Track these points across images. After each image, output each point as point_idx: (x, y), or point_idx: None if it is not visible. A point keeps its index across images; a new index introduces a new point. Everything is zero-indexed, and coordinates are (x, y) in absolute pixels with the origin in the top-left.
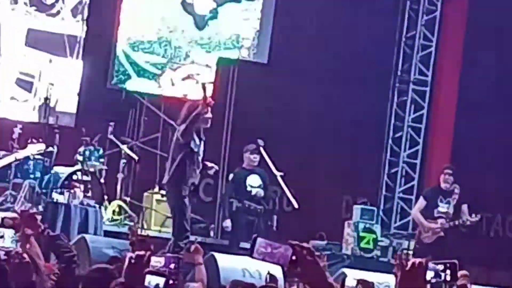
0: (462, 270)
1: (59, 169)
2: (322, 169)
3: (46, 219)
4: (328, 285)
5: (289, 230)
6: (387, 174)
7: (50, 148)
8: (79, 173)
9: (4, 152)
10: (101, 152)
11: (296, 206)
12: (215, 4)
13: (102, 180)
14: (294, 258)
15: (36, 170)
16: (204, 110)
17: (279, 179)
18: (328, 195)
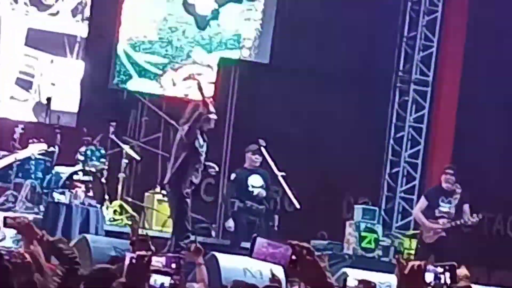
0: (464, 270)
1: (61, 169)
2: (324, 169)
3: (47, 219)
4: (327, 284)
5: (290, 230)
6: (389, 174)
7: (52, 148)
8: (80, 173)
9: (5, 152)
10: (102, 152)
11: (298, 206)
12: (216, 5)
13: (103, 180)
14: (294, 258)
15: (37, 170)
16: (207, 110)
17: (281, 179)
18: (330, 195)
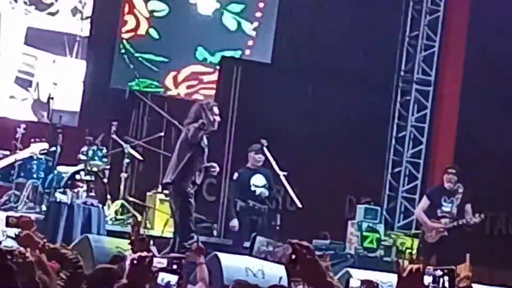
0: (467, 268)
1: (62, 168)
2: (326, 168)
3: (49, 219)
4: (327, 283)
5: (292, 230)
6: (391, 173)
7: (53, 148)
8: (82, 172)
9: (7, 152)
10: (104, 151)
11: (300, 205)
12: (218, 4)
13: (105, 179)
14: (294, 257)
15: (39, 170)
16: (212, 112)
17: (283, 178)
18: (332, 195)
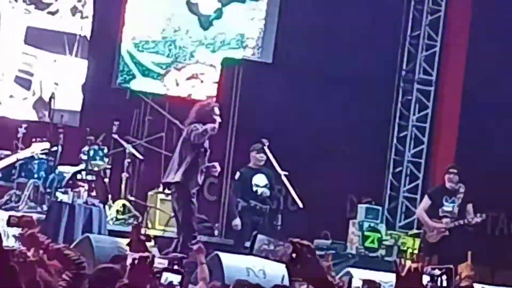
0: (467, 269)
1: (64, 168)
2: (327, 168)
3: (50, 219)
4: (328, 282)
5: (293, 229)
6: (392, 173)
7: (55, 148)
8: (83, 172)
9: (8, 152)
10: (105, 151)
11: (301, 205)
12: (219, 4)
13: (106, 179)
14: (295, 256)
15: (40, 169)
16: (213, 112)
17: (284, 178)
18: (333, 194)
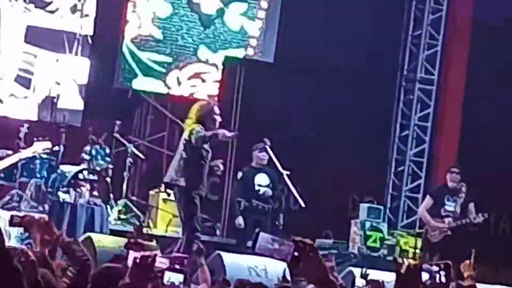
0: (470, 269)
1: (66, 168)
2: (329, 167)
3: (52, 218)
4: (330, 281)
5: (295, 229)
6: (394, 172)
7: (56, 147)
8: (85, 172)
9: (10, 151)
10: (107, 151)
11: (303, 204)
12: (221, 3)
13: (108, 179)
14: (297, 255)
15: (42, 169)
16: (213, 112)
17: (286, 177)
18: (335, 194)
